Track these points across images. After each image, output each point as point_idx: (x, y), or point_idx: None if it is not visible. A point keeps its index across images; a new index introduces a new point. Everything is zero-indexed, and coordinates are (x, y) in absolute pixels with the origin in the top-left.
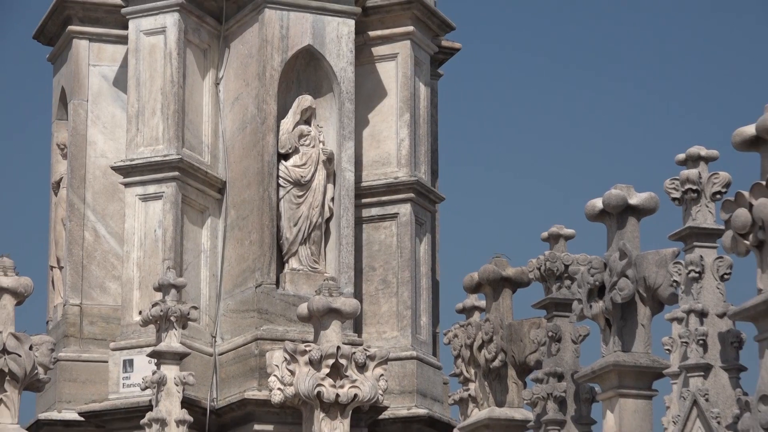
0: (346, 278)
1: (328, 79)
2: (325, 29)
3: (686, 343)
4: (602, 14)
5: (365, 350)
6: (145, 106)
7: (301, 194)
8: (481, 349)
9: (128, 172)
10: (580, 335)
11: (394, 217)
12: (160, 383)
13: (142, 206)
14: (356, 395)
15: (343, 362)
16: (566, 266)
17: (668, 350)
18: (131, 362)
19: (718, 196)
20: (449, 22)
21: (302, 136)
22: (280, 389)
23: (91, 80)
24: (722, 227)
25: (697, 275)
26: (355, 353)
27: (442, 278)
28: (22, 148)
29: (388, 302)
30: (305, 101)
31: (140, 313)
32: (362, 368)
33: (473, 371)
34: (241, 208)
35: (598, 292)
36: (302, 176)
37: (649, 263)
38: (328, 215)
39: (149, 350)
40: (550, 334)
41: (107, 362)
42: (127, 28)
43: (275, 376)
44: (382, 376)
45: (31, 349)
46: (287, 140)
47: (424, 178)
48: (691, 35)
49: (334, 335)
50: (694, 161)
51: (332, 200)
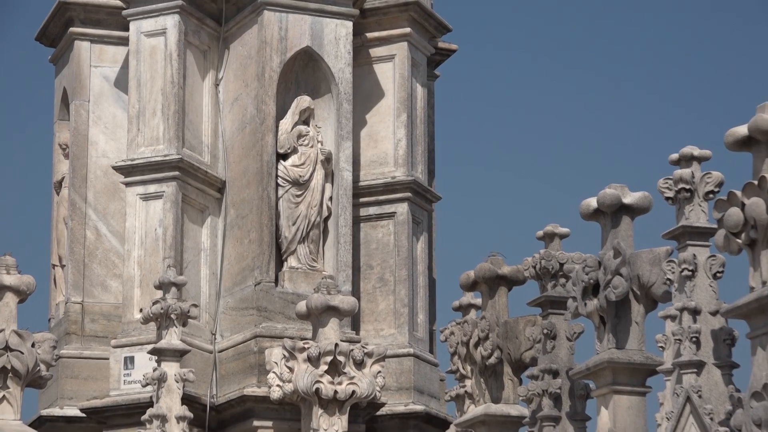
0: (344, 276)
1: (326, 80)
2: (323, 31)
3: (679, 340)
4: (597, 15)
5: (363, 347)
6: (145, 106)
7: (299, 194)
8: (477, 346)
9: (129, 171)
10: (574, 333)
11: (391, 216)
12: (160, 380)
13: (142, 205)
14: (354, 392)
15: (341, 359)
16: (561, 264)
17: (662, 347)
18: (132, 359)
19: (710, 195)
20: (446, 24)
21: (301, 136)
22: (279, 386)
23: (92, 81)
24: (715, 226)
25: (690, 273)
26: (353, 350)
27: (438, 276)
28: (24, 148)
29: (385, 300)
30: (304, 102)
31: (141, 310)
32: (360, 365)
33: (469, 368)
34: (240, 207)
35: (592, 290)
36: (301, 176)
37: (642, 262)
38: (326, 214)
39: (150, 347)
40: (545, 331)
41: (108, 359)
42: (128, 29)
43: (274, 373)
44: (379, 373)
45: (33, 346)
46: (286, 140)
47: (420, 177)
48: (685, 37)
49: (332, 333)
50: (687, 161)
51: (330, 199)
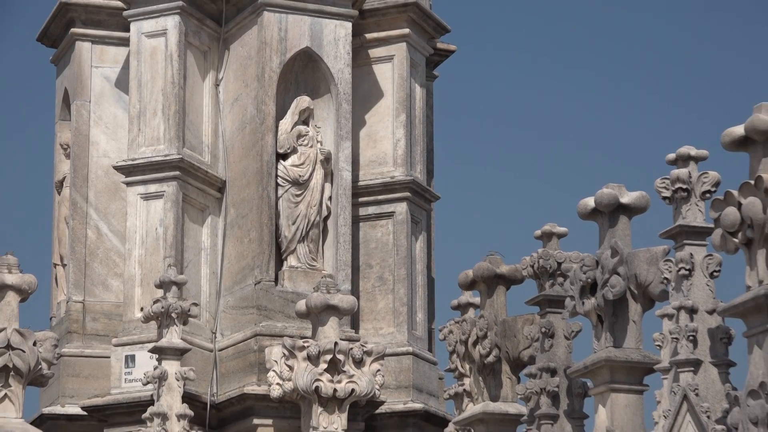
0: (343, 275)
1: (325, 80)
2: (322, 32)
3: (676, 339)
4: (595, 16)
5: (362, 346)
6: (146, 106)
7: (299, 193)
8: (475, 344)
9: (130, 171)
10: (572, 331)
11: (390, 215)
12: (161, 378)
13: (143, 205)
14: (353, 390)
15: (340, 358)
16: (559, 264)
17: (659, 346)
18: (133, 358)
19: (707, 195)
20: (444, 24)
21: (300, 136)
22: (278, 384)
23: (93, 81)
24: (712, 225)
25: (687, 272)
26: (352, 349)
27: (437, 275)
28: (25, 148)
29: (384, 299)
30: (303, 102)
31: (142, 309)
32: (359, 364)
33: (468, 366)
34: (240, 206)
35: (590, 289)
36: (300, 175)
37: (640, 261)
38: (325, 214)
39: (151, 346)
40: (543, 330)
41: (109, 358)
42: (128, 30)
43: (274, 371)
44: (378, 371)
45: (34, 345)
46: (286, 140)
47: (419, 177)
48: (682, 37)
49: (331, 331)
50: (684, 161)
51: (330, 199)
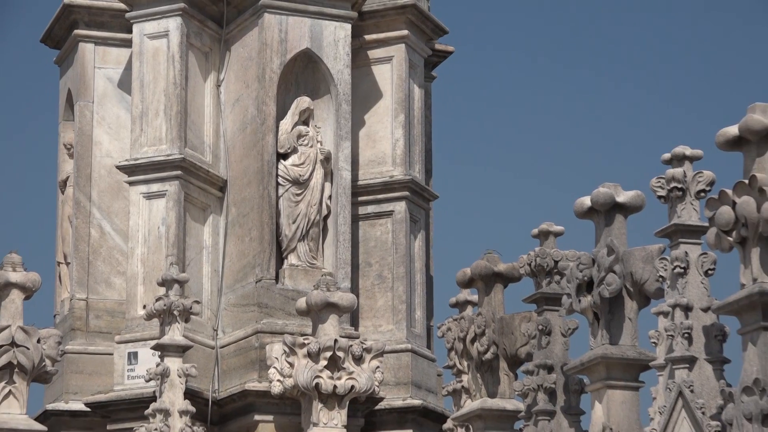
0: (343, 274)
1: (325, 81)
2: (322, 33)
3: (672, 336)
4: (591, 17)
5: (362, 343)
6: (148, 107)
7: (299, 192)
8: (473, 342)
9: (132, 171)
10: (569, 329)
11: (389, 214)
12: (163, 375)
13: (146, 204)
14: (353, 386)
15: (340, 355)
16: (556, 262)
17: (654, 343)
18: (136, 355)
19: (702, 194)
20: (442, 26)
21: (300, 136)
22: (279, 381)
23: (96, 82)
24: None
25: (682, 271)
26: (352, 346)
27: (435, 273)
28: (29, 148)
29: (383, 297)
30: (303, 102)
31: (144, 307)
32: (359, 360)
33: (466, 363)
34: (241, 205)
35: (586, 286)
36: (301, 175)
37: (635, 259)
38: (325, 213)
39: (153, 343)
40: (540, 327)
41: (112, 355)
42: (131, 32)
43: (275, 368)
44: (378, 368)
45: (39, 342)
46: (286, 140)
47: (418, 176)
48: (678, 39)
49: (331, 329)
50: (679, 160)
51: (330, 198)
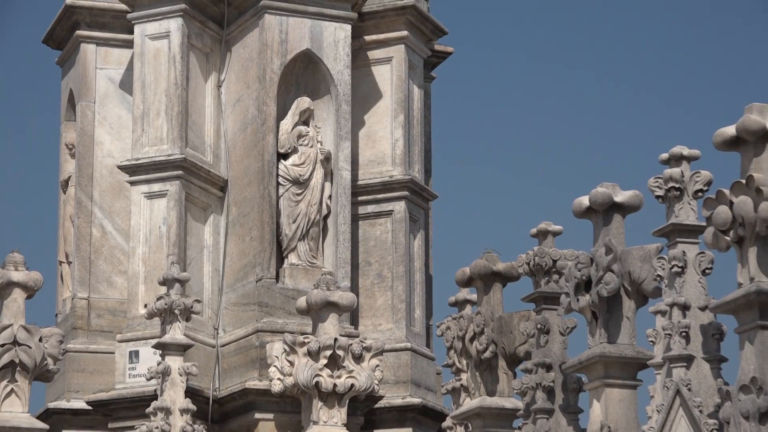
0: (343, 273)
1: (325, 81)
2: (322, 34)
3: (669, 335)
4: (588, 18)
5: (361, 342)
6: (150, 107)
7: (299, 192)
8: (472, 340)
9: (134, 170)
10: (567, 327)
11: (389, 214)
12: (164, 373)
13: (147, 204)
14: (353, 385)
15: (340, 353)
16: (554, 261)
17: (652, 342)
18: (137, 353)
19: (699, 193)
20: (442, 27)
21: (301, 136)
22: (279, 379)
23: (98, 83)
24: (704, 224)
25: (679, 270)
26: (351, 345)
27: (435, 273)
28: (31, 148)
29: (383, 296)
30: (304, 103)
31: (146, 306)
32: (359, 359)
33: (465, 362)
34: (242, 205)
35: (584, 286)
36: (301, 175)
37: (633, 258)
38: (325, 212)
39: (154, 342)
40: (538, 326)
41: (114, 353)
42: (132, 32)
43: (275, 366)
44: (377, 366)
45: (40, 340)
46: (286, 140)
47: (417, 176)
48: (675, 40)
49: (331, 327)
50: (676, 160)
51: (330, 198)
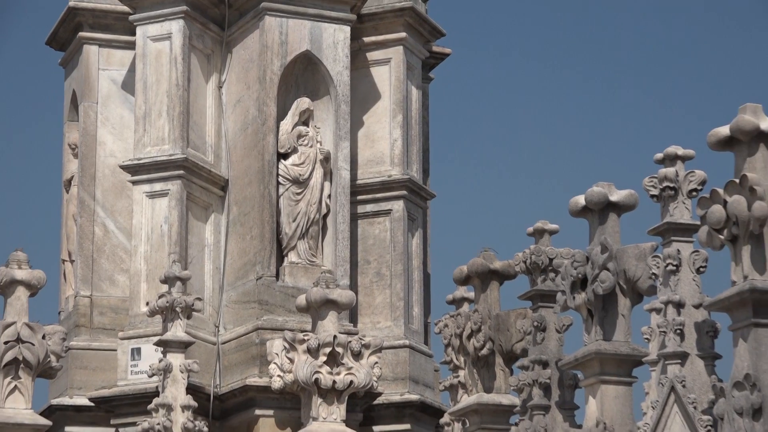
0: (342, 271)
1: (325, 82)
2: (322, 35)
3: (664, 332)
4: (584, 18)
5: (360, 339)
6: (151, 108)
7: (299, 191)
8: (470, 338)
9: (136, 170)
10: (563, 325)
11: (387, 213)
12: (166, 370)
13: (149, 203)
14: (352, 382)
15: (339, 351)
16: (550, 260)
17: (647, 339)
18: (139, 351)
19: (694, 193)
20: (440, 28)
21: (300, 136)
22: (279, 376)
23: (100, 84)
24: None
25: (674, 268)
26: (350, 342)
27: (433, 271)
28: (34, 148)
29: (382, 294)
30: (303, 103)
31: (147, 304)
32: (357, 356)
33: (463, 359)
34: (242, 204)
35: (580, 284)
36: (301, 174)
37: (629, 257)
38: (325, 211)
39: (156, 339)
40: (535, 323)
41: (116, 351)
42: (134, 34)
43: (275, 363)
44: (376, 363)
45: (44, 338)
46: (286, 140)
47: (416, 176)
48: (670, 42)
49: (330, 325)
50: (671, 160)
51: (329, 197)
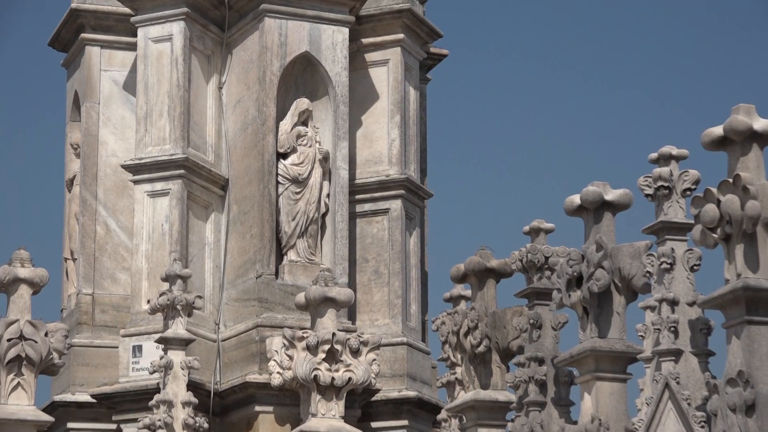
0: (340, 269)
1: (323, 83)
2: (321, 37)
3: (658, 329)
4: (579, 18)
5: (359, 336)
6: (153, 108)
7: (298, 191)
8: (467, 335)
9: (137, 170)
10: (559, 322)
11: (385, 212)
12: (167, 367)
13: (150, 202)
14: (350, 378)
15: (338, 348)
16: (546, 258)
17: (642, 336)
18: (140, 348)
19: (688, 192)
20: (437, 30)
21: (300, 136)
22: (279, 373)
23: (102, 84)
24: (692, 221)
25: (668, 266)
26: (349, 339)
27: (430, 269)
28: (37, 148)
29: (380, 292)
30: (302, 104)
31: (148, 302)
32: (356, 353)
33: (460, 356)
34: (242, 203)
35: (576, 282)
36: (300, 174)
37: (623, 255)
38: (324, 210)
39: (157, 337)
40: (531, 321)
41: (118, 348)
42: (136, 35)
43: (275, 360)
44: (374, 360)
45: (46, 335)
46: (286, 140)
47: (413, 175)
48: (665, 43)
49: (329, 322)
50: (665, 160)
51: (328, 196)
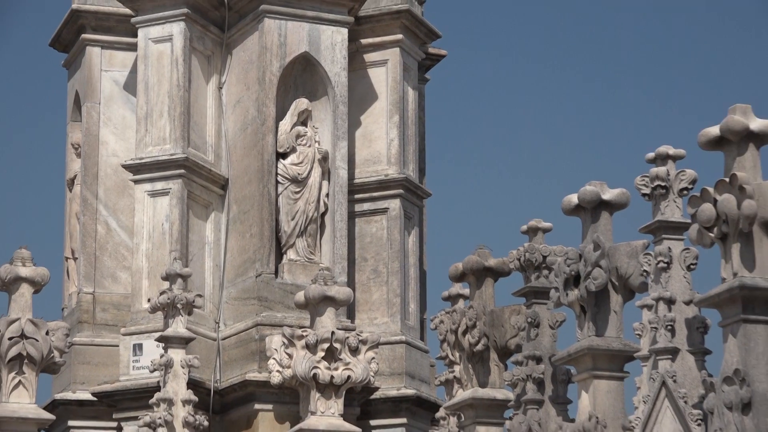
0: (339, 268)
1: (323, 83)
2: (320, 37)
3: (655, 328)
4: (577, 19)
5: (358, 335)
6: (153, 108)
7: (298, 190)
8: (465, 334)
9: (138, 169)
10: (557, 321)
11: (384, 211)
12: (167, 366)
13: (150, 201)
14: (349, 377)
15: (337, 346)
16: (544, 257)
17: (638, 335)
18: (140, 346)
19: (685, 192)
20: (436, 30)
21: (299, 136)
22: (278, 371)
23: (103, 84)
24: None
25: (665, 265)
26: (348, 338)
27: (429, 268)
28: (38, 147)
29: (379, 290)
30: (302, 104)
31: (149, 300)
32: (355, 352)
33: (458, 354)
34: (242, 203)
35: (573, 281)
36: (299, 174)
37: (621, 254)
38: (323, 210)
39: (157, 335)
40: (529, 320)
41: (118, 346)
42: (136, 36)
43: (274, 359)
44: (373, 359)
45: (47, 334)
46: (285, 140)
47: (412, 175)
48: (662, 42)
49: (328, 321)
50: (662, 159)
51: (327, 196)
